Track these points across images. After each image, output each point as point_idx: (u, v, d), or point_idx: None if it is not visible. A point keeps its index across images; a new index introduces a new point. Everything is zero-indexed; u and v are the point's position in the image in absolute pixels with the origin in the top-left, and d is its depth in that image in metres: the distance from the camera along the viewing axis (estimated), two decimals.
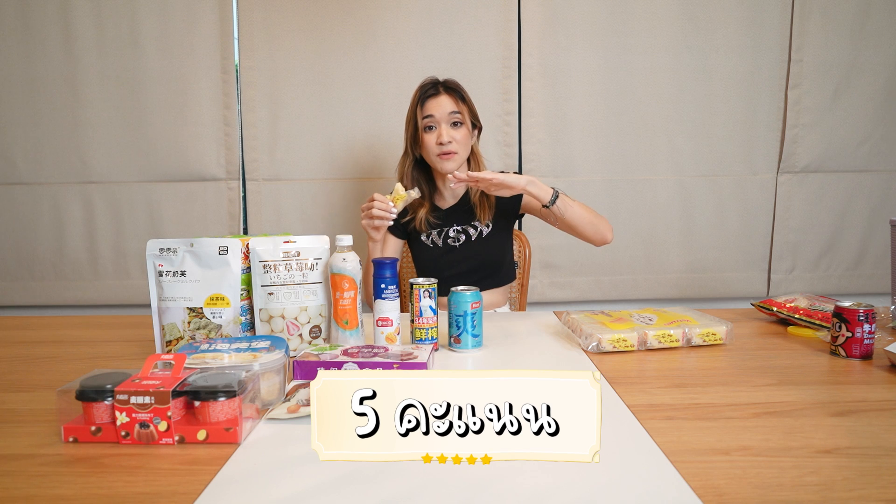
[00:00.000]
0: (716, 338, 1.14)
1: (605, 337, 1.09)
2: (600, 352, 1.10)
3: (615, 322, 1.18)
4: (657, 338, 1.12)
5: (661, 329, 1.13)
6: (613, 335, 1.10)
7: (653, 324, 1.17)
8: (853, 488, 0.63)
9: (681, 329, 1.13)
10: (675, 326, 1.14)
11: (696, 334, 1.13)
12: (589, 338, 1.11)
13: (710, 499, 0.60)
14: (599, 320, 1.19)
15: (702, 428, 0.78)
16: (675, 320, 1.18)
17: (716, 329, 1.14)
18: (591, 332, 1.11)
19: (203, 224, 2.17)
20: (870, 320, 1.04)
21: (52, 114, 2.10)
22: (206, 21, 2.07)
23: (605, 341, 1.09)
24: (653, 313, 1.24)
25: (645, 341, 1.12)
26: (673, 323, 1.16)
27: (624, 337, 1.10)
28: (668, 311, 1.26)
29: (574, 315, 1.23)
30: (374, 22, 2.08)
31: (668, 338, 1.12)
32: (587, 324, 1.17)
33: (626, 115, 2.15)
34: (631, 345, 1.11)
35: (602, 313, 1.26)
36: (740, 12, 2.10)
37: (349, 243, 1.10)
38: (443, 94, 1.50)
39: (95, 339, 1.27)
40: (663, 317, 1.22)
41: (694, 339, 1.14)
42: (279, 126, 2.13)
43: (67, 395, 0.75)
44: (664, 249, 2.22)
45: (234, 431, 0.74)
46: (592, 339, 1.10)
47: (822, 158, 2.19)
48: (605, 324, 1.16)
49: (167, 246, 1.10)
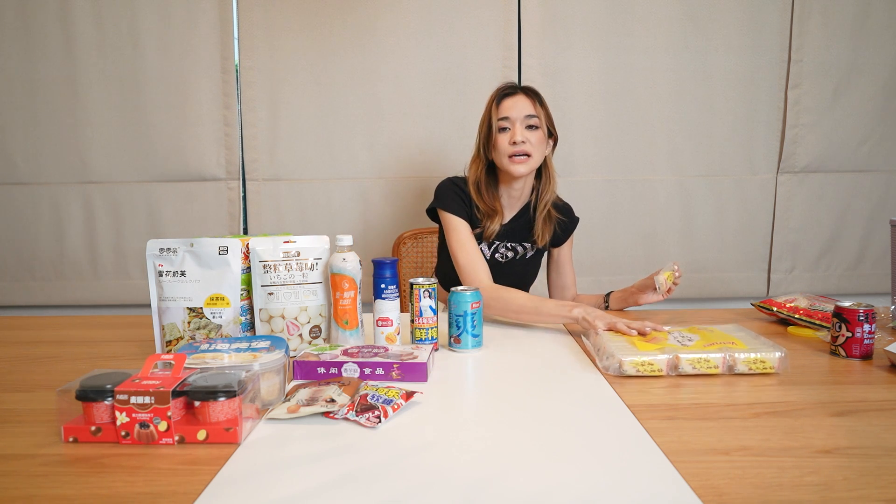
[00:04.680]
0: (765, 366, 0.97)
1: (627, 359, 0.95)
2: (622, 375, 0.96)
3: (646, 342, 1.04)
4: (692, 363, 0.96)
5: (697, 353, 0.97)
6: (638, 357, 0.96)
7: (690, 345, 1.01)
8: (853, 488, 0.63)
9: (722, 354, 0.97)
10: (715, 350, 0.98)
11: (740, 361, 0.97)
12: (609, 359, 0.97)
13: (710, 499, 0.60)
14: (629, 339, 1.06)
15: (702, 428, 0.78)
16: (716, 342, 1.02)
17: (765, 356, 0.97)
18: (613, 353, 0.97)
19: (203, 224, 2.17)
20: (870, 320, 1.04)
21: (52, 114, 2.10)
22: (206, 21, 2.07)
23: (628, 364, 0.95)
24: (695, 332, 1.09)
25: (676, 366, 0.96)
26: (713, 345, 1.00)
27: (650, 360, 0.95)
28: (714, 331, 1.10)
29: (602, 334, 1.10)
30: (374, 22, 2.08)
31: (704, 363, 0.96)
32: (613, 342, 1.04)
33: (626, 115, 2.15)
34: (658, 369, 0.96)
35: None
36: (740, 12, 2.10)
37: (349, 243, 1.10)
38: (520, 94, 1.45)
39: (95, 339, 1.27)
40: (706, 337, 1.06)
41: (738, 366, 0.97)
42: (279, 126, 2.13)
43: (67, 395, 0.75)
44: (664, 249, 2.22)
45: (234, 431, 0.74)
46: (613, 361, 0.96)
47: (822, 158, 2.19)
48: (634, 343, 1.03)
49: (167, 246, 1.10)
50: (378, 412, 0.80)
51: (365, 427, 0.79)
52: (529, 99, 1.45)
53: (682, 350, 0.98)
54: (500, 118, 1.43)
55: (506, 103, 1.44)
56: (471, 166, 1.52)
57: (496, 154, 1.45)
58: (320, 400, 0.83)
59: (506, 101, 1.44)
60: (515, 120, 1.42)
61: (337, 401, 0.83)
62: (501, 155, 1.43)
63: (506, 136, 1.43)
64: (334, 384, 0.89)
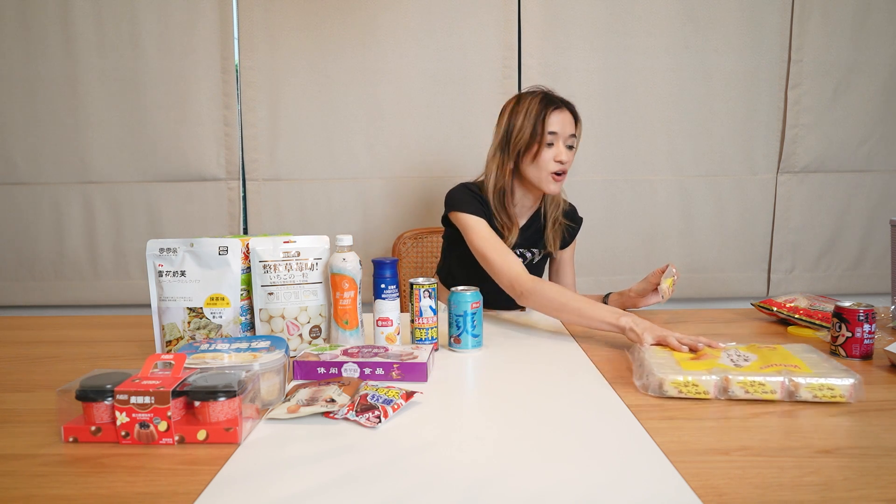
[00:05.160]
0: (834, 394, 0.84)
1: (669, 378, 0.85)
2: (663, 396, 0.86)
3: (695, 360, 0.94)
4: (744, 386, 0.85)
5: (751, 375, 0.86)
6: (682, 377, 0.85)
7: (745, 366, 0.90)
8: (853, 488, 0.63)
9: (781, 378, 0.85)
10: (772, 373, 0.86)
11: (803, 387, 0.84)
12: (648, 377, 0.87)
13: (710, 499, 0.60)
14: (675, 355, 0.97)
15: (702, 428, 0.78)
16: (776, 363, 0.90)
17: (834, 382, 0.84)
18: (653, 370, 0.88)
19: (203, 224, 2.17)
20: (870, 320, 1.04)
21: (52, 114, 2.10)
22: (206, 21, 2.07)
23: (669, 384, 0.85)
24: (754, 351, 0.98)
25: (726, 388, 0.85)
26: (772, 367, 0.89)
27: (695, 381, 0.85)
28: (778, 350, 0.98)
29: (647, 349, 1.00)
30: (374, 22, 2.08)
31: (759, 388, 0.85)
32: (656, 357, 0.95)
33: (626, 115, 2.15)
34: (704, 391, 0.85)
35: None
36: (740, 12, 2.10)
37: (349, 243, 1.10)
38: (566, 111, 1.40)
39: (95, 339, 1.26)
40: (766, 357, 0.94)
41: (800, 392, 0.85)
42: (279, 126, 2.13)
43: (67, 395, 0.75)
44: (664, 249, 2.22)
45: (234, 431, 0.74)
46: (653, 379, 0.86)
47: (822, 158, 2.19)
48: (681, 362, 0.93)
49: (167, 246, 1.10)
50: (378, 412, 0.80)
51: (365, 427, 0.79)
52: (573, 118, 1.42)
53: (733, 371, 0.87)
54: (549, 132, 1.38)
55: (555, 117, 1.38)
56: (493, 172, 1.44)
57: (533, 166, 1.39)
58: (320, 400, 0.83)
59: (555, 114, 1.38)
60: (560, 137, 1.38)
61: (337, 401, 0.83)
62: (542, 170, 1.39)
63: (551, 152, 1.38)
64: (334, 384, 0.89)
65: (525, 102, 1.41)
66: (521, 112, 1.40)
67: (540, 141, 1.38)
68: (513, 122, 1.41)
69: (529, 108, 1.39)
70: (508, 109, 1.44)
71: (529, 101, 1.41)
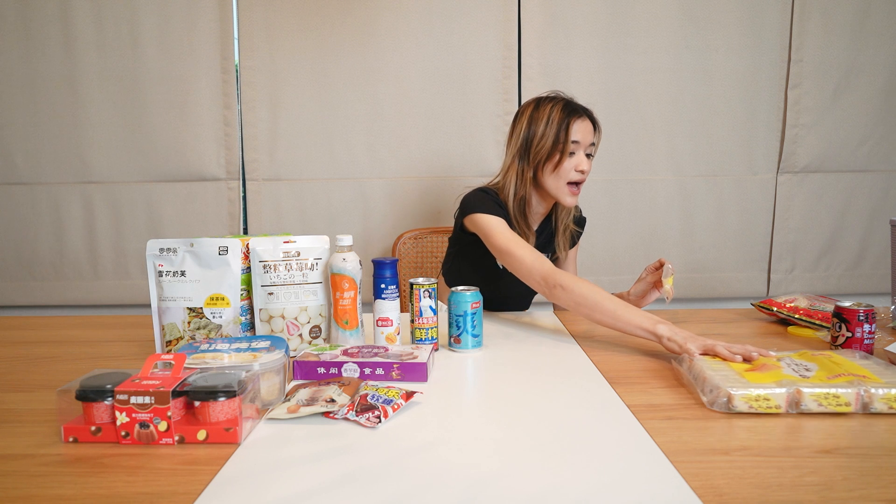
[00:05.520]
0: None
1: (738, 393, 0.81)
2: (732, 412, 0.82)
3: (755, 371, 0.89)
4: (817, 399, 0.81)
5: (823, 387, 0.82)
6: (751, 391, 0.81)
7: (811, 376, 0.86)
8: (853, 488, 0.63)
9: (854, 389, 0.81)
10: (844, 384, 0.82)
11: (878, 398, 0.80)
12: (715, 392, 0.83)
13: (710, 499, 0.60)
14: (731, 366, 0.92)
15: (702, 428, 0.78)
16: (842, 373, 0.86)
17: None
18: (719, 384, 0.83)
19: (203, 224, 2.17)
20: (870, 320, 1.04)
21: (52, 114, 2.10)
22: (206, 21, 2.07)
23: (739, 398, 0.81)
24: (808, 359, 0.93)
25: (798, 402, 0.82)
26: (841, 377, 0.85)
27: (766, 395, 0.81)
28: (834, 358, 0.94)
29: (699, 361, 0.95)
30: (374, 22, 2.08)
31: (833, 400, 0.81)
32: (715, 370, 0.89)
33: (626, 114, 2.15)
34: (776, 406, 0.81)
35: None
36: (740, 12, 2.10)
37: (349, 243, 1.10)
38: (587, 119, 1.38)
39: (95, 339, 1.27)
40: (826, 366, 0.89)
41: (875, 403, 0.81)
42: (279, 126, 2.13)
43: (67, 395, 0.75)
44: (664, 249, 2.22)
45: (234, 431, 0.74)
46: (720, 395, 0.82)
47: (822, 158, 2.19)
48: (741, 373, 0.88)
49: (167, 246, 1.10)
50: (378, 412, 0.80)
51: (365, 427, 0.79)
52: (594, 126, 1.40)
53: (803, 383, 0.83)
54: (572, 140, 1.35)
55: (578, 126, 1.35)
56: (513, 181, 1.41)
57: (553, 176, 1.37)
58: (320, 400, 0.83)
59: (577, 123, 1.36)
60: (582, 145, 1.36)
61: (337, 401, 0.83)
62: (560, 179, 1.37)
63: (572, 161, 1.36)
64: (334, 384, 0.89)
65: (545, 109, 1.38)
66: (542, 119, 1.37)
67: (562, 150, 1.35)
68: (533, 129, 1.38)
69: (551, 116, 1.36)
70: (527, 115, 1.40)
71: (551, 108, 1.37)
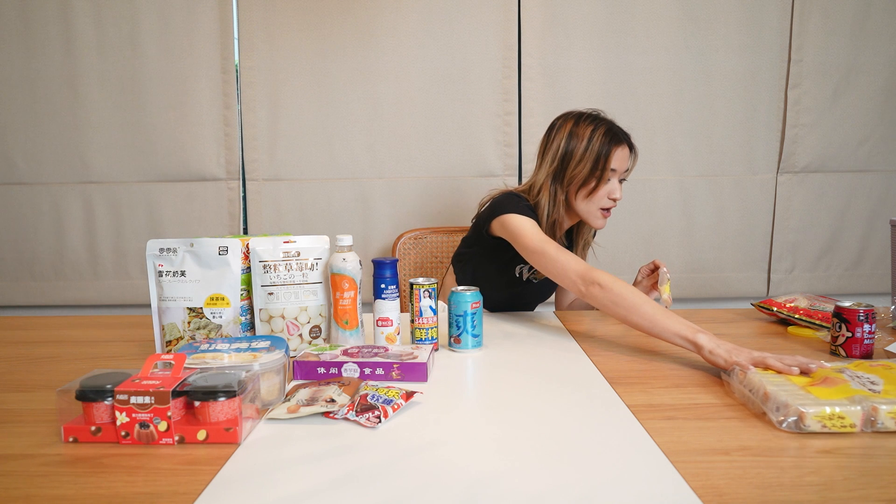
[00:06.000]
0: None
1: (810, 411, 0.75)
2: (802, 432, 0.76)
3: (818, 385, 0.83)
4: (893, 415, 0.75)
5: None
6: (823, 409, 0.76)
7: (880, 391, 0.80)
8: (853, 488, 0.63)
9: None
10: None
11: None
12: (783, 410, 0.77)
13: (710, 499, 0.60)
14: (792, 380, 0.85)
15: (702, 428, 0.78)
16: None
17: None
18: (787, 402, 0.77)
19: (203, 224, 2.17)
20: (870, 320, 1.04)
21: (52, 114, 2.10)
22: (206, 21, 2.07)
23: (812, 417, 0.75)
24: (868, 371, 0.87)
25: (874, 420, 0.76)
26: None
27: (841, 413, 0.76)
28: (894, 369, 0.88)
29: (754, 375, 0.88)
30: (374, 22, 2.08)
31: None
32: (777, 385, 0.83)
33: (626, 115, 2.15)
34: (851, 424, 0.75)
35: None
36: (740, 12, 2.10)
37: (349, 243, 1.10)
38: (626, 147, 1.36)
39: (95, 339, 1.27)
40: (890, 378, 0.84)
41: None
42: (279, 126, 2.13)
43: (67, 395, 0.75)
44: (664, 249, 2.22)
45: (234, 431, 0.74)
46: (790, 413, 0.77)
47: (822, 158, 2.19)
48: (806, 387, 0.82)
49: (167, 246, 1.10)
50: (378, 412, 0.80)
51: (365, 427, 0.79)
52: (631, 154, 1.39)
53: (876, 398, 0.77)
54: (611, 168, 1.34)
55: (618, 153, 1.34)
56: (546, 203, 1.38)
57: (586, 200, 1.36)
58: (320, 400, 0.83)
59: (618, 150, 1.34)
60: (618, 172, 1.35)
61: (337, 401, 0.83)
62: (594, 204, 1.36)
63: (607, 188, 1.35)
64: (334, 384, 0.89)
65: (586, 130, 1.35)
66: (582, 142, 1.34)
67: (600, 178, 1.34)
68: (571, 150, 1.35)
69: (592, 141, 1.33)
70: (565, 133, 1.37)
71: (592, 131, 1.34)
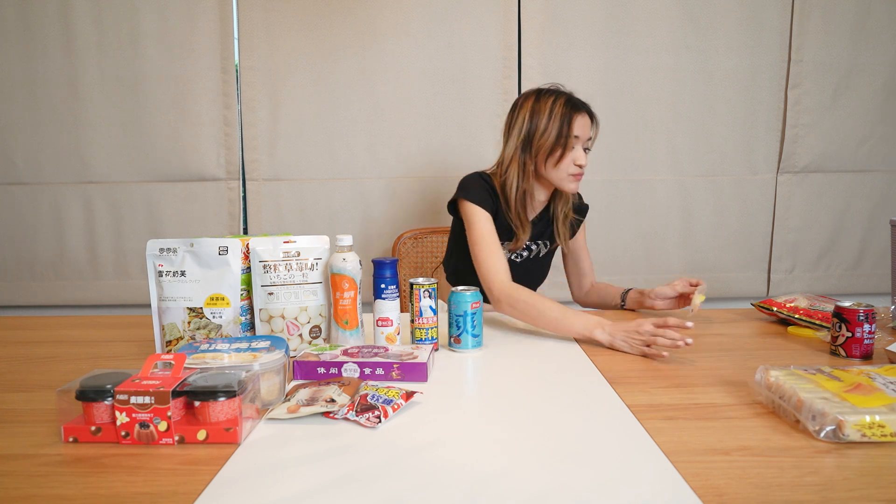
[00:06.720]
0: None
1: (850, 419, 0.73)
2: (840, 441, 0.73)
3: (853, 391, 0.79)
4: None
5: None
6: (862, 417, 0.73)
7: None
8: (853, 488, 0.63)
9: None
10: None
11: None
12: (820, 418, 0.75)
13: (710, 499, 0.60)
14: (825, 385, 0.81)
15: (702, 428, 0.78)
16: None
17: None
18: (825, 410, 0.75)
19: (203, 224, 2.17)
20: (870, 320, 1.04)
21: (52, 114, 2.10)
22: (206, 21, 2.07)
23: (851, 426, 0.73)
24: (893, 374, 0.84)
25: None
26: None
27: (882, 421, 0.73)
28: None
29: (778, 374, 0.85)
30: (374, 22, 2.08)
31: None
32: (810, 393, 0.79)
33: (626, 114, 2.15)
34: (891, 433, 0.73)
35: (819, 372, 0.87)
36: (740, 12, 2.10)
37: (349, 243, 1.10)
38: (586, 114, 1.40)
39: (95, 339, 1.27)
40: None
41: None
42: (279, 126, 2.13)
43: (67, 395, 0.75)
44: (664, 249, 2.22)
45: (234, 431, 0.74)
46: (827, 421, 0.74)
47: (822, 158, 2.19)
48: (840, 394, 0.79)
49: (167, 246, 1.10)
50: (378, 412, 0.80)
51: (365, 427, 0.79)
52: (592, 121, 1.42)
53: None
54: (574, 136, 1.38)
55: (579, 121, 1.38)
56: (514, 175, 1.42)
57: (555, 169, 1.39)
58: (320, 400, 0.83)
59: (578, 117, 1.38)
60: (581, 140, 1.39)
61: (337, 401, 0.83)
62: (562, 171, 1.39)
63: (572, 155, 1.39)
64: (334, 384, 0.89)
65: (547, 103, 1.39)
66: (544, 113, 1.38)
67: (565, 145, 1.37)
68: (535, 123, 1.39)
69: (553, 111, 1.37)
70: (528, 108, 1.41)
71: (552, 102, 1.39)
